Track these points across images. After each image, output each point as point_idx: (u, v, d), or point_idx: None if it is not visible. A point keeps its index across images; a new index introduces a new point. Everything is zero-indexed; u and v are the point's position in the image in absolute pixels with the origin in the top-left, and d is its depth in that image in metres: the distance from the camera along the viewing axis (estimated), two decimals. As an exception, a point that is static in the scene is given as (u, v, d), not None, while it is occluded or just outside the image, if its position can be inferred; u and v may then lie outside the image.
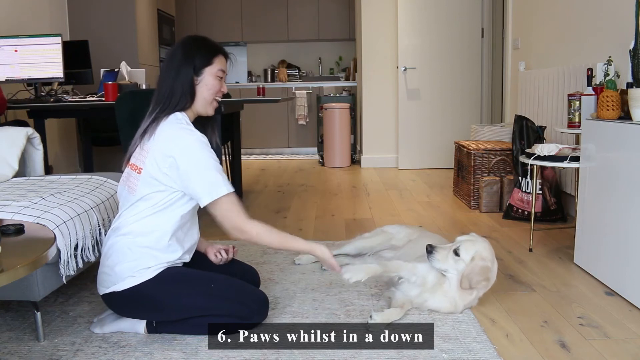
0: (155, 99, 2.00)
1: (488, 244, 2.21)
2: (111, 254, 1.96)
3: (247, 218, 1.93)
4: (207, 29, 8.29)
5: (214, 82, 2.01)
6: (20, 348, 1.94)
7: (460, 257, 2.13)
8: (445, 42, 6.00)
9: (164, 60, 2.03)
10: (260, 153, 8.07)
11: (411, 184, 5.22)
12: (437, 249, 2.17)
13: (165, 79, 1.98)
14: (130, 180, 1.97)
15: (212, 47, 2.02)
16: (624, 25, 3.04)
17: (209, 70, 1.99)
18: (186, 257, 2.07)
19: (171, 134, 1.90)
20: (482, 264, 2.11)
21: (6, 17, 4.55)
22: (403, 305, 2.16)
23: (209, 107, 2.04)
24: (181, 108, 1.98)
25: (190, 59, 1.96)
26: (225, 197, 1.89)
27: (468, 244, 2.16)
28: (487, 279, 2.14)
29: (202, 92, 1.99)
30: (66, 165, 5.37)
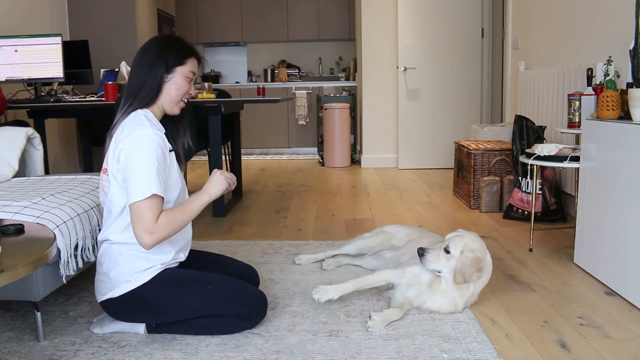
0: (125, 93, 1.99)
1: (477, 236, 2.22)
2: (104, 260, 1.96)
3: (156, 222, 1.81)
4: (207, 29, 8.30)
5: (183, 83, 1.98)
6: (20, 348, 1.94)
7: (451, 254, 2.14)
8: (445, 42, 6.00)
9: (137, 55, 1.99)
10: (260, 153, 8.07)
11: (411, 184, 5.22)
12: (428, 250, 2.18)
13: (136, 74, 1.96)
14: (103, 183, 1.96)
15: (186, 48, 2.01)
16: (624, 25, 3.04)
17: (181, 70, 1.97)
18: (181, 256, 2.06)
19: (127, 129, 1.88)
20: (472, 255, 2.13)
21: (6, 17, 4.55)
22: (402, 305, 2.16)
23: (175, 106, 2.01)
24: (146, 103, 1.95)
25: (164, 56, 1.95)
26: (148, 199, 1.79)
27: (456, 239, 2.17)
28: (479, 270, 2.14)
29: (170, 91, 1.97)
30: (66, 165, 5.37)
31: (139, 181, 1.80)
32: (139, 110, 1.95)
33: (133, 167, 1.82)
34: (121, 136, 1.88)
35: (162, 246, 1.95)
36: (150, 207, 1.80)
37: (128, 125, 1.89)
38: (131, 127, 1.88)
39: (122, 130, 1.90)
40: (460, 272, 2.12)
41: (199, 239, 3.23)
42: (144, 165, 1.82)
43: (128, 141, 1.85)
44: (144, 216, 1.79)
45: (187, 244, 2.10)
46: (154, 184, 1.80)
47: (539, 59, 4.32)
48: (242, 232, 3.51)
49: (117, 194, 1.90)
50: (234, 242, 3.25)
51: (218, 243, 3.21)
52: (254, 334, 2.01)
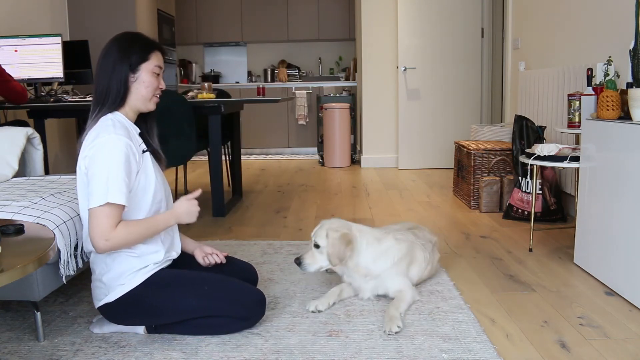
0: (93, 100, 1.95)
1: (336, 219, 2.32)
2: (96, 266, 1.96)
3: (114, 228, 1.80)
4: (207, 29, 8.30)
5: (151, 79, 1.95)
6: (20, 348, 1.94)
7: (321, 246, 2.22)
8: (445, 42, 6.00)
9: (99, 58, 1.96)
10: (260, 153, 8.07)
11: (411, 184, 5.22)
12: (302, 256, 2.27)
13: (100, 78, 1.92)
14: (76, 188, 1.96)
15: (147, 42, 1.97)
16: (624, 25, 3.04)
17: (146, 66, 1.94)
18: (172, 254, 2.06)
19: (92, 136, 1.86)
20: (336, 235, 2.21)
21: (6, 17, 4.55)
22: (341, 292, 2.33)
23: (149, 103, 1.98)
24: (115, 107, 1.93)
25: (126, 55, 1.91)
26: (104, 205, 1.78)
27: (318, 231, 2.26)
28: (349, 243, 2.22)
29: (139, 90, 1.94)
30: (66, 166, 5.37)
31: (96, 187, 1.79)
32: (108, 114, 1.91)
33: (93, 173, 1.81)
34: (86, 143, 1.87)
35: (150, 245, 1.95)
36: (106, 214, 1.78)
37: (93, 131, 1.87)
38: (95, 133, 1.86)
39: (88, 136, 1.88)
40: (332, 254, 2.20)
41: (199, 239, 3.22)
42: (102, 172, 1.79)
43: (91, 148, 1.83)
44: (99, 221, 1.78)
45: (173, 241, 2.09)
46: (110, 192, 1.77)
47: (539, 59, 4.32)
48: (242, 232, 3.51)
49: (84, 201, 1.88)
50: (234, 242, 3.25)
51: (218, 243, 3.21)
52: (254, 334, 2.01)
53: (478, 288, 2.48)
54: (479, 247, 3.10)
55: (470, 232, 3.42)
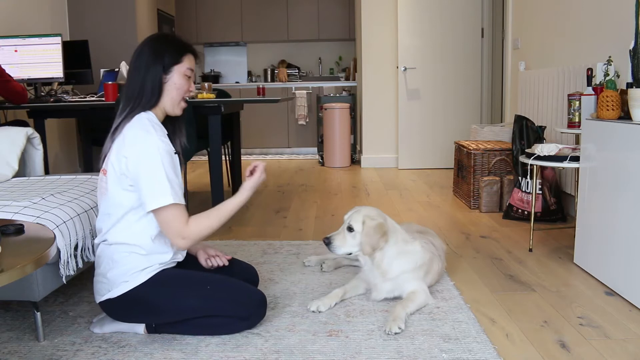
0: (124, 97, 1.96)
1: (373, 208, 2.31)
2: (101, 261, 1.96)
3: (187, 225, 1.87)
4: (207, 29, 8.30)
5: (182, 82, 1.97)
6: (20, 348, 1.94)
7: (354, 231, 2.21)
8: (445, 42, 6.00)
9: (132, 57, 1.97)
10: (260, 153, 8.07)
11: (411, 184, 5.22)
12: (333, 236, 2.25)
13: (134, 77, 1.94)
14: (102, 184, 1.96)
15: (181, 45, 1.98)
16: (624, 25, 3.04)
17: (178, 68, 1.95)
18: (179, 256, 2.06)
19: (130, 135, 1.87)
20: (373, 223, 2.20)
21: (6, 17, 4.55)
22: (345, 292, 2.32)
23: (177, 107, 2.00)
24: (150, 107, 1.94)
25: (160, 56, 1.92)
26: (169, 207, 1.84)
27: (354, 215, 2.25)
28: (384, 234, 2.21)
29: (170, 91, 1.95)
30: (66, 165, 5.37)
31: (155, 189, 1.82)
32: (142, 113, 1.93)
33: (148, 175, 1.83)
34: (125, 142, 1.87)
35: (160, 246, 1.96)
36: (175, 214, 1.85)
37: (132, 131, 1.88)
38: (136, 134, 1.86)
39: (126, 135, 1.88)
40: (365, 241, 2.18)
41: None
42: (157, 174, 1.82)
43: (135, 149, 1.84)
44: (171, 223, 1.85)
45: None
46: (169, 194, 1.83)
47: (539, 59, 4.32)
48: (242, 232, 3.51)
49: (119, 196, 1.90)
50: (234, 242, 3.25)
51: (218, 243, 3.21)
52: (254, 334, 2.01)
53: (478, 288, 2.48)
54: (479, 247, 3.10)
55: (470, 232, 3.43)
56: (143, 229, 1.92)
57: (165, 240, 1.97)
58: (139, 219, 1.91)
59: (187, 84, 1.99)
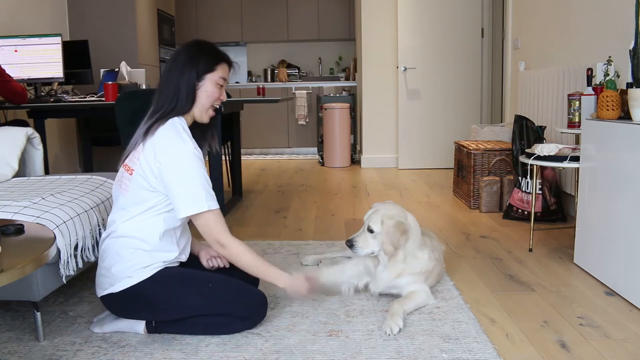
0: (157, 99, 1.99)
1: (392, 204, 2.31)
2: (106, 256, 1.97)
3: (228, 234, 1.95)
4: (207, 29, 8.29)
5: (214, 90, 1.99)
6: (20, 348, 1.94)
7: (375, 232, 2.21)
8: (445, 42, 6.00)
9: (168, 62, 2.02)
10: (260, 153, 8.07)
11: (411, 184, 5.22)
12: (355, 238, 2.26)
13: (168, 81, 1.97)
14: (123, 181, 1.97)
15: (216, 53, 2.01)
16: (624, 25, 3.04)
17: (211, 76, 1.98)
18: (182, 257, 2.07)
19: (165, 140, 1.89)
20: (393, 222, 2.20)
21: (6, 17, 4.55)
22: None
23: (205, 114, 2.02)
24: (183, 112, 1.97)
25: (195, 63, 1.95)
26: (206, 213, 1.89)
27: (373, 215, 2.24)
28: (404, 232, 2.21)
29: (201, 98, 1.98)
30: (66, 165, 5.37)
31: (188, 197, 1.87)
32: (176, 119, 1.95)
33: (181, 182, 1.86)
34: (159, 146, 1.89)
35: (167, 245, 1.97)
36: (214, 220, 1.92)
37: (167, 137, 1.89)
38: (171, 140, 1.89)
39: (160, 139, 1.89)
40: (387, 241, 2.19)
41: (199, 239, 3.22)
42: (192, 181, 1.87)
43: (170, 155, 1.87)
44: (210, 229, 1.92)
45: (187, 244, 2.12)
46: (204, 200, 1.88)
47: (539, 59, 4.32)
48: (242, 232, 3.50)
49: (140, 196, 1.92)
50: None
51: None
52: (254, 334, 2.01)
53: (478, 288, 2.48)
54: (479, 247, 3.10)
55: (470, 232, 3.43)
56: (153, 226, 1.94)
57: (172, 239, 1.99)
58: (152, 217, 1.93)
59: (218, 93, 2.01)
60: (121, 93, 3.65)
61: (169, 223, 1.96)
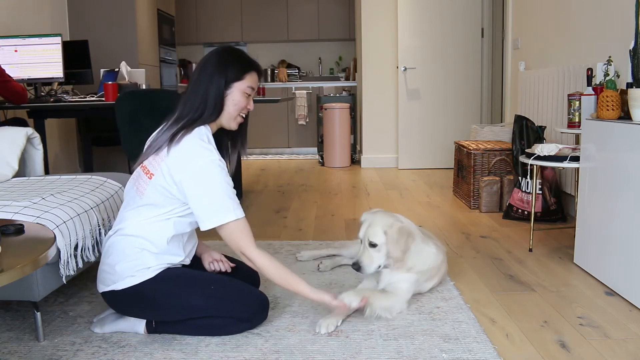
0: (183, 106, 1.96)
1: (381, 212, 2.26)
2: (112, 252, 1.96)
3: (254, 245, 1.92)
4: (207, 29, 8.30)
5: (241, 99, 1.97)
6: (20, 348, 1.94)
7: (377, 245, 2.17)
8: (445, 42, 6.00)
9: (196, 68, 1.99)
10: (260, 153, 8.07)
11: (411, 184, 5.22)
12: (359, 259, 2.19)
13: (197, 87, 1.95)
14: (140, 182, 1.96)
15: (245, 62, 1.98)
16: (624, 25, 3.04)
17: (238, 85, 1.96)
18: (187, 260, 2.08)
19: (190, 150, 1.87)
20: (394, 229, 2.17)
21: (6, 17, 4.55)
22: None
23: (233, 122, 2.01)
24: (210, 121, 1.96)
25: (223, 71, 1.94)
26: (233, 223, 1.88)
27: (370, 230, 2.19)
28: (409, 234, 2.19)
29: (227, 107, 1.96)
30: (66, 165, 5.37)
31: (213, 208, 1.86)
32: (202, 128, 1.93)
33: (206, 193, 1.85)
34: (184, 155, 1.87)
35: (173, 249, 1.97)
36: (240, 230, 1.89)
37: (193, 146, 1.87)
38: (196, 150, 1.87)
39: (186, 148, 1.87)
40: (395, 249, 2.15)
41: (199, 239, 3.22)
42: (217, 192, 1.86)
43: (195, 165, 1.85)
44: (233, 239, 1.89)
45: (193, 248, 2.12)
46: (230, 211, 1.86)
47: (539, 59, 4.32)
48: (242, 232, 3.50)
49: (155, 200, 1.91)
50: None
51: (218, 243, 3.19)
52: (254, 334, 2.01)
53: (478, 288, 2.48)
54: (479, 247, 3.10)
55: (470, 232, 3.43)
56: (163, 230, 1.93)
57: (179, 244, 1.99)
58: (162, 220, 1.92)
59: (246, 102, 1.99)
60: (121, 93, 3.65)
61: (179, 228, 1.95)
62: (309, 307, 2.26)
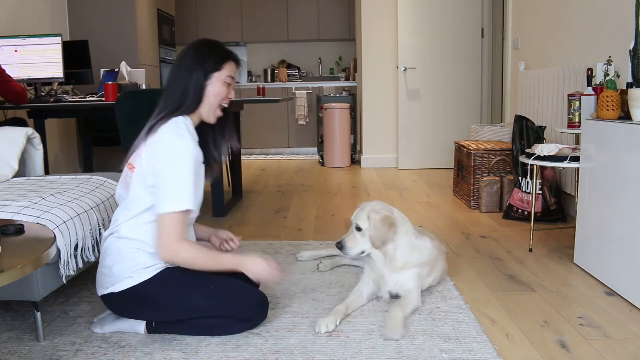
0: (164, 100, 1.98)
1: (377, 202, 2.29)
2: (108, 254, 1.96)
3: (183, 239, 1.86)
4: (207, 29, 8.29)
5: (221, 89, 1.99)
6: (20, 348, 1.94)
7: (362, 229, 2.20)
8: (445, 42, 6.00)
9: (175, 62, 2.02)
10: (260, 153, 8.07)
11: (411, 184, 5.22)
12: (344, 239, 2.23)
13: (176, 81, 1.97)
14: (126, 179, 1.98)
15: (223, 52, 2.00)
16: (624, 25, 3.04)
17: (218, 75, 1.97)
18: None
19: (164, 137, 1.89)
20: (378, 216, 2.19)
21: (6, 17, 4.55)
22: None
23: (213, 113, 2.02)
24: (189, 112, 1.97)
25: (202, 62, 1.95)
26: (179, 213, 1.84)
27: (359, 213, 2.23)
28: (392, 225, 2.20)
29: (208, 98, 1.98)
30: (66, 165, 5.37)
31: (173, 193, 1.83)
32: (180, 117, 1.94)
33: (169, 178, 1.84)
34: (158, 142, 1.88)
35: None
36: (177, 221, 1.84)
37: (167, 133, 1.89)
38: (171, 137, 1.88)
39: (160, 136, 1.89)
40: (374, 236, 2.17)
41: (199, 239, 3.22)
42: (181, 178, 1.84)
43: (167, 151, 1.86)
44: (170, 231, 1.84)
45: None
46: (188, 199, 1.84)
47: (539, 59, 4.32)
48: (242, 232, 3.50)
49: (140, 194, 1.91)
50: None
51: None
52: (254, 334, 2.01)
53: (478, 288, 2.48)
54: (479, 247, 3.10)
55: (470, 232, 3.43)
56: (155, 229, 1.92)
57: None
58: (153, 219, 1.92)
59: (226, 91, 2.01)
60: (121, 93, 3.65)
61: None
62: (309, 307, 2.26)
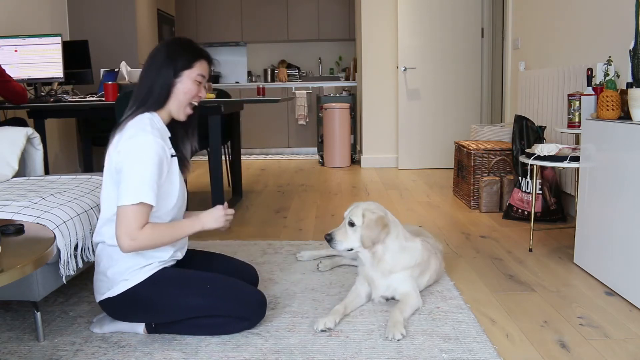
0: (133, 96, 1.99)
1: (372, 202, 2.29)
2: (101, 259, 1.96)
3: (142, 226, 1.82)
4: (207, 29, 8.30)
5: (191, 87, 1.98)
6: (20, 348, 1.94)
7: (355, 225, 2.19)
8: (445, 42, 6.00)
9: (147, 59, 2.01)
10: (260, 153, 8.07)
11: (411, 184, 5.22)
12: (334, 232, 2.23)
13: (145, 78, 1.97)
14: (102, 179, 1.98)
15: (195, 50, 2.01)
16: (624, 25, 3.04)
17: (188, 73, 1.97)
18: (178, 254, 2.06)
19: (128, 131, 1.88)
20: (373, 216, 2.19)
21: (6, 17, 4.55)
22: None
23: (182, 111, 2.00)
24: (155, 108, 1.96)
25: (172, 60, 1.95)
26: (136, 205, 1.80)
27: (354, 210, 2.23)
28: (385, 226, 2.20)
29: (177, 95, 1.97)
30: (66, 165, 5.37)
31: (130, 185, 1.80)
32: (146, 113, 1.94)
33: (128, 171, 1.82)
34: (122, 138, 1.88)
35: None
36: (135, 214, 1.80)
37: (130, 129, 1.89)
38: (133, 131, 1.87)
39: (125, 131, 1.89)
40: (366, 235, 2.17)
41: (199, 239, 3.23)
42: (138, 171, 1.81)
43: (127, 145, 1.85)
44: (129, 221, 1.79)
45: (184, 243, 2.11)
46: (144, 192, 1.80)
47: (539, 59, 4.32)
48: (242, 232, 3.50)
49: (112, 192, 1.90)
50: (234, 242, 3.25)
51: (218, 243, 3.21)
52: (254, 334, 2.01)
53: (478, 288, 2.48)
54: (479, 247, 3.10)
55: (470, 232, 3.43)
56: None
57: None
58: None
59: (196, 90, 2.00)
60: (121, 93, 3.65)
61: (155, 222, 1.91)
62: (309, 307, 2.26)
